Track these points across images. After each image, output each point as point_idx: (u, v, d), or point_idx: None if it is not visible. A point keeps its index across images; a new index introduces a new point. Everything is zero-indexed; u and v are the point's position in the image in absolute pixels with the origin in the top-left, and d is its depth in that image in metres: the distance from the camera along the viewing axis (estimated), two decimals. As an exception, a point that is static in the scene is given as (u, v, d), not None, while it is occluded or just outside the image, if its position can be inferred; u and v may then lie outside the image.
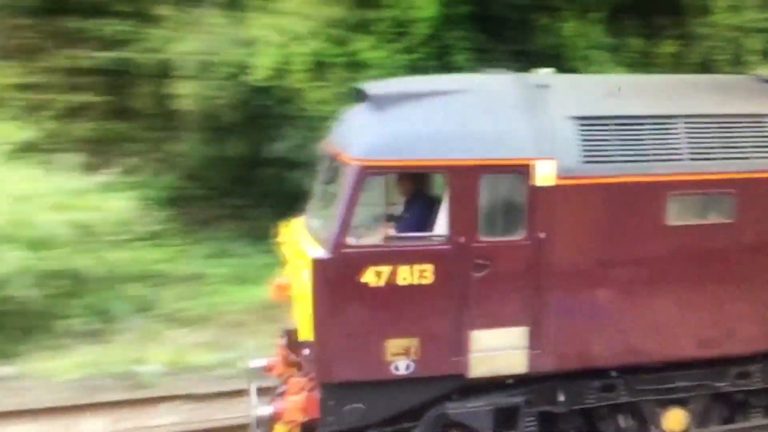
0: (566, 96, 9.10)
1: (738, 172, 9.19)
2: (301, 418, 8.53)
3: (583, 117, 8.91)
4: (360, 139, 8.50)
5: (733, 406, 10.10)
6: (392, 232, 8.59)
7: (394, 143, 8.39)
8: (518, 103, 8.79)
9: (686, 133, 9.16)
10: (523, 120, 8.68)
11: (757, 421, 10.08)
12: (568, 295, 8.79)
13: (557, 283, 8.72)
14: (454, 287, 8.45)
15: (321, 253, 8.25)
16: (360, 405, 8.56)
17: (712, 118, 9.31)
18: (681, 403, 9.69)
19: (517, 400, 8.97)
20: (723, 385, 9.72)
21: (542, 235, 8.58)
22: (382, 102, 8.73)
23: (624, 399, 9.44)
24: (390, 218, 9.26)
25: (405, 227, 8.70)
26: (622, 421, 9.63)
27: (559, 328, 8.83)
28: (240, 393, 11.48)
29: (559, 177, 8.60)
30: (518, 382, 9.00)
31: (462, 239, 8.39)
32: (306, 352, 8.58)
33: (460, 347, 8.58)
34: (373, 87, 9.06)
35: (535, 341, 8.77)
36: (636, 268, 8.96)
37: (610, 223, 8.83)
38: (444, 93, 8.85)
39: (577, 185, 8.68)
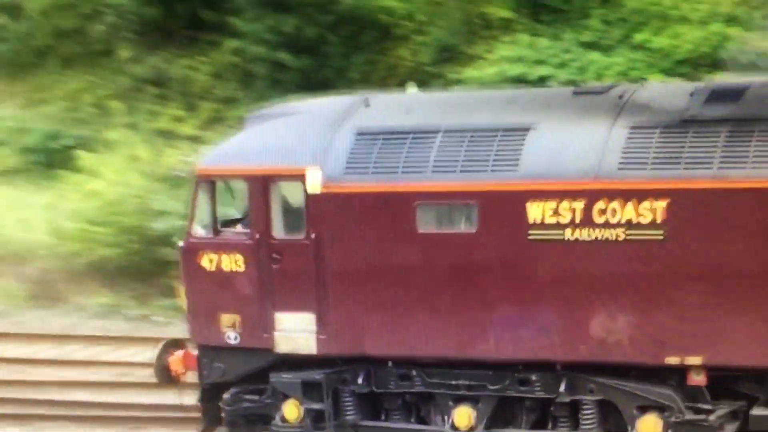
0: (371, 112, 10.39)
1: (479, 184, 9.34)
2: (181, 369, 11.34)
3: (361, 131, 10.20)
4: (205, 153, 11.14)
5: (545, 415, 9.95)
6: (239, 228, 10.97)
7: (218, 156, 10.90)
8: (329, 121, 10.50)
9: (439, 146, 9.68)
10: (316, 135, 10.37)
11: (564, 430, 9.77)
12: (341, 288, 10.21)
13: (332, 278, 10.15)
14: (259, 275, 10.56)
15: (181, 242, 11.13)
16: (220, 364, 11.05)
17: (462, 133, 9.61)
18: (472, 401, 9.96)
19: (318, 377, 10.40)
20: (501, 389, 9.86)
21: (313, 236, 10.12)
22: (246, 123, 11.22)
23: (418, 389, 10.11)
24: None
25: (243, 224, 10.97)
26: (424, 410, 10.32)
27: (338, 317, 10.22)
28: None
29: (324, 185, 10.10)
30: (328, 361, 10.43)
31: (258, 236, 10.44)
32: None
33: (268, 326, 10.57)
34: (259, 110, 11.51)
35: (321, 327, 10.31)
36: (391, 271, 9.88)
37: (368, 228, 10.03)
38: (287, 114, 10.94)
39: (339, 193, 10.05)
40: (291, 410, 10.70)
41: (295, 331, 10.52)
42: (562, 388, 9.68)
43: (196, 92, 21.83)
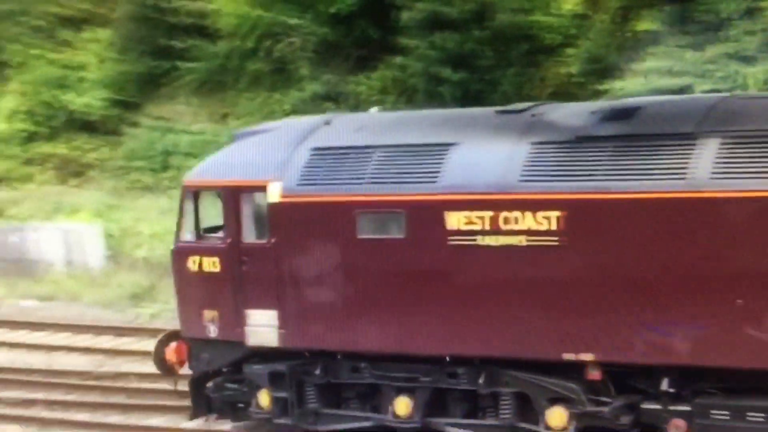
0: (329, 131, 11.62)
1: (406, 195, 10.47)
2: (175, 359, 12.75)
3: (317, 148, 11.44)
4: (193, 168, 12.58)
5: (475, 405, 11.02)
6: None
7: (202, 170, 12.33)
8: (293, 139, 11.80)
9: (376, 161, 10.82)
10: (280, 151, 11.65)
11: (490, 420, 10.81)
12: (296, 288, 11.46)
13: (289, 278, 11.43)
14: (232, 276, 11.92)
15: (173, 246, 12.60)
16: (206, 355, 12.44)
17: (396, 149, 10.72)
18: (410, 392, 11.02)
19: (282, 368, 11.64)
20: (432, 381, 10.96)
21: (273, 240, 11.41)
22: (234, 139, 12.62)
23: (367, 381, 11.24)
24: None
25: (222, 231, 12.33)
26: (376, 400, 11.49)
27: (294, 313, 11.47)
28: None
29: (282, 195, 11.38)
30: (295, 354, 11.65)
31: (230, 241, 11.80)
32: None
33: (240, 321, 11.90)
34: (243, 129, 12.91)
35: (282, 322, 11.57)
36: (336, 273, 11.06)
37: (317, 234, 11.26)
38: (264, 131, 12.30)
39: (294, 203, 11.32)
40: (264, 398, 12.01)
41: (262, 326, 11.82)
42: (481, 380, 10.67)
43: (364, 107, 23.22)
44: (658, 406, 9.91)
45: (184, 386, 12.95)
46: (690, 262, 9.50)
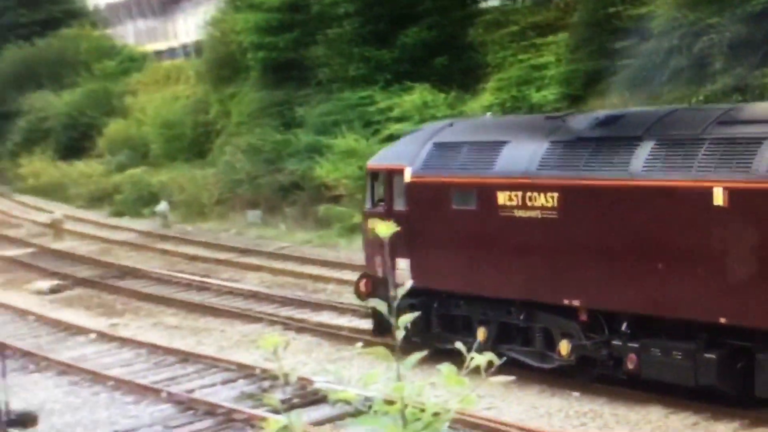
0: (449, 131, 15.68)
1: (480, 179, 14.87)
2: (363, 290, 17.45)
3: (436, 144, 15.49)
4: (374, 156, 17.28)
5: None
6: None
7: (377, 157, 16.93)
8: (425, 136, 16.09)
9: (464, 153, 14.95)
10: (416, 145, 15.95)
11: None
12: (420, 245, 15.59)
13: (416, 237, 15.67)
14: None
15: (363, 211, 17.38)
16: (380, 288, 17.06)
17: (474, 144, 15.15)
18: (485, 324, 14.86)
19: (413, 301, 15.92)
20: (496, 316, 14.76)
21: (408, 209, 15.76)
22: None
23: (462, 313, 15.33)
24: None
25: None
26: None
27: (419, 262, 15.69)
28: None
29: (412, 177, 15.67)
30: (424, 291, 15.92)
31: (386, 208, 16.31)
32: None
33: (393, 266, 16.37)
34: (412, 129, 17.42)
35: (412, 267, 15.82)
36: (442, 234, 15.27)
37: (432, 205, 15.42)
38: (417, 130, 16.79)
39: (418, 182, 15.56)
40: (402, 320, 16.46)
41: (402, 269, 16.23)
42: (522, 317, 14.23)
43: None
44: (620, 344, 12.96)
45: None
46: (631, 235, 12.53)
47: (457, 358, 3.41)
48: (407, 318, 2.99)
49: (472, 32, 28.34)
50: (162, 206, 32.86)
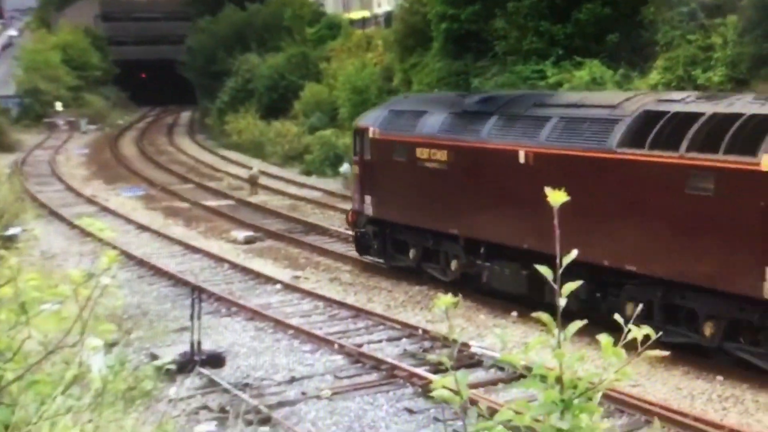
0: (399, 101, 21.50)
1: (407, 137, 19.29)
2: (349, 218, 20.86)
3: (390, 110, 20.03)
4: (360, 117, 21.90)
5: None
6: None
7: (360, 119, 21.51)
8: (386, 105, 20.68)
9: (405, 118, 19.39)
10: (380, 111, 20.62)
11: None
12: (380, 185, 19.49)
13: (377, 179, 19.54)
14: (362, 176, 20.32)
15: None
16: (360, 218, 20.46)
17: (410, 113, 19.80)
18: (414, 247, 19.41)
19: (375, 228, 20.28)
20: (423, 242, 19.02)
21: (372, 159, 19.77)
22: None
23: (405, 239, 19.72)
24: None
25: None
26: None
27: (379, 198, 19.60)
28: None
29: (375, 135, 19.60)
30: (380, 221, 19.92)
31: (359, 157, 20.35)
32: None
33: (364, 201, 20.27)
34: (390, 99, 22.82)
35: (374, 203, 19.64)
36: (393, 178, 19.20)
37: (388, 156, 19.20)
38: (390, 101, 23.08)
39: (379, 139, 19.53)
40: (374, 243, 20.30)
41: (368, 204, 19.85)
42: (431, 243, 18.49)
43: None
44: (480, 263, 17.15)
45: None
46: (483, 183, 16.68)
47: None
48: (570, 286, 2.98)
49: (645, 10, 27.25)
50: (346, 167, 33.44)
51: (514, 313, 16.22)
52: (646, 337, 2.99)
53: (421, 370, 13.33)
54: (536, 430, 2.87)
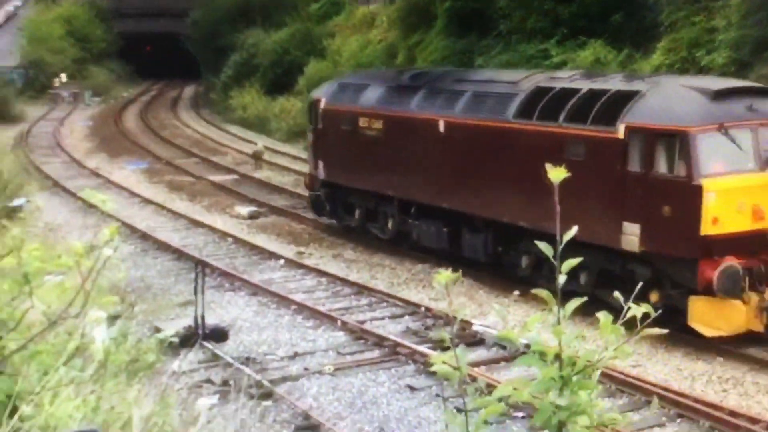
0: (349, 76, 23.97)
1: (353, 108, 20.97)
2: (306, 182, 22.86)
3: (339, 83, 22.16)
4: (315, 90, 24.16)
5: None
6: None
7: (313, 92, 23.23)
8: (337, 79, 23.29)
9: (350, 91, 21.36)
10: (330, 84, 22.48)
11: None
12: (328, 151, 21.47)
13: (327, 145, 21.47)
14: (314, 143, 22.45)
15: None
16: (315, 182, 22.15)
17: (354, 86, 21.90)
18: (360, 208, 22.17)
19: (326, 192, 23.34)
20: (368, 202, 21.36)
21: (321, 127, 21.58)
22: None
23: (352, 201, 22.46)
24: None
25: None
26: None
27: (327, 163, 21.41)
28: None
29: (324, 105, 21.52)
30: (331, 184, 22.27)
31: (314, 127, 22.19)
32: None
33: (317, 165, 22.53)
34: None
35: (324, 167, 21.53)
36: (340, 144, 21.08)
37: (335, 125, 21.00)
38: (343, 76, 25.98)
39: (328, 109, 21.42)
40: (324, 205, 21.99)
41: (320, 168, 21.43)
42: (373, 204, 20.68)
43: None
44: (410, 221, 19.10)
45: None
46: (410, 149, 18.66)
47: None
48: (571, 263, 2.98)
49: (649, -10, 27.07)
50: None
51: (516, 292, 16.19)
52: (645, 316, 2.97)
53: (423, 348, 13.32)
54: (535, 407, 2.86)
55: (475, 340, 13.72)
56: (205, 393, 11.94)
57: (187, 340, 13.51)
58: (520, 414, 10.77)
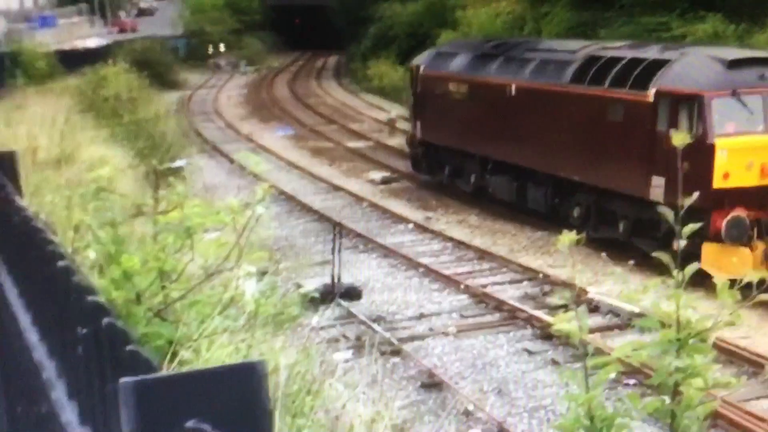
0: (444, 45, 25.64)
1: (446, 73, 22.21)
2: (408, 140, 24.13)
3: (436, 52, 23.70)
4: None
5: None
6: None
7: (414, 60, 24.15)
8: (435, 48, 24.23)
9: (445, 58, 22.58)
10: (429, 52, 23.84)
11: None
12: (426, 112, 22.58)
13: (424, 107, 22.64)
14: (414, 104, 23.63)
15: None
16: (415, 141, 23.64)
17: (450, 54, 22.91)
18: (448, 163, 23.10)
19: (422, 150, 23.84)
20: (456, 161, 22.42)
21: (419, 90, 22.81)
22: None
23: (446, 160, 22.94)
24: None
25: None
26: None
27: (425, 124, 22.58)
28: None
29: (423, 71, 22.70)
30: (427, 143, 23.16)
31: (413, 91, 23.41)
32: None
33: (415, 126, 23.34)
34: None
35: (422, 127, 22.69)
36: (437, 107, 21.93)
37: (433, 89, 22.01)
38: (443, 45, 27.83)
39: (426, 75, 22.56)
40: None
41: (419, 129, 22.69)
42: (460, 160, 21.81)
43: None
44: (488, 177, 20.28)
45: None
46: (486, 110, 19.88)
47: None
48: (692, 227, 3.05)
49: (772, -36, 25.53)
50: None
51: (631, 261, 15.78)
52: (761, 282, 2.88)
53: (540, 313, 13.19)
54: (651, 369, 2.81)
55: (590, 308, 13.46)
56: (342, 348, 12.17)
57: (325, 297, 13.79)
58: (632, 381, 10.55)
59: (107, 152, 21.55)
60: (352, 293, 14.47)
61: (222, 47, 67.07)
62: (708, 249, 13.62)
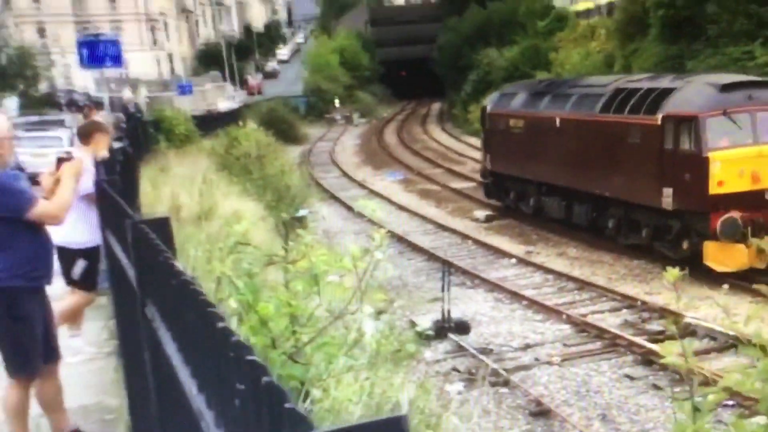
0: (508, 87, 26.35)
1: (513, 112, 23.52)
2: (480, 172, 23.89)
3: (501, 93, 25.25)
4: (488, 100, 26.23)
5: None
6: None
7: (484, 101, 23.75)
8: (501, 90, 24.61)
9: (507, 99, 24.25)
10: (495, 95, 25.76)
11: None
12: (493, 145, 24.43)
13: (492, 142, 24.57)
14: (485, 143, 25.51)
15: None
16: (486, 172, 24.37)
17: (510, 95, 24.55)
18: (513, 190, 24.61)
19: (493, 179, 25.50)
20: (517, 187, 23.95)
21: (488, 127, 24.72)
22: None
23: (519, 189, 23.95)
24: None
25: None
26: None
27: (494, 156, 24.44)
28: None
29: (491, 111, 24.52)
30: (495, 173, 24.96)
31: (483, 128, 25.33)
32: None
33: (487, 159, 25.22)
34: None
35: (491, 159, 24.49)
36: (504, 141, 23.59)
37: (500, 126, 23.62)
38: (508, 88, 27.43)
39: (493, 113, 24.34)
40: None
41: (489, 161, 24.54)
42: (521, 187, 23.51)
43: None
44: (543, 198, 21.95)
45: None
46: (541, 142, 21.16)
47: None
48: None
49: None
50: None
51: (725, 286, 15.14)
52: None
53: (640, 339, 12.82)
54: (754, 396, 2.74)
55: (688, 332, 12.99)
56: (454, 380, 12.12)
57: (438, 332, 13.81)
58: (731, 402, 10.12)
59: (241, 206, 22.30)
60: (462, 327, 14.38)
61: (337, 102, 68.50)
62: (709, 247, 15.22)
